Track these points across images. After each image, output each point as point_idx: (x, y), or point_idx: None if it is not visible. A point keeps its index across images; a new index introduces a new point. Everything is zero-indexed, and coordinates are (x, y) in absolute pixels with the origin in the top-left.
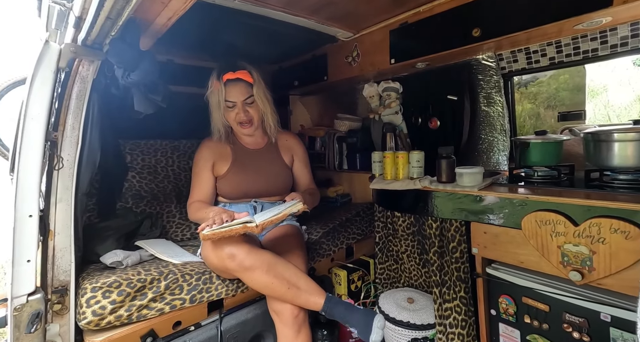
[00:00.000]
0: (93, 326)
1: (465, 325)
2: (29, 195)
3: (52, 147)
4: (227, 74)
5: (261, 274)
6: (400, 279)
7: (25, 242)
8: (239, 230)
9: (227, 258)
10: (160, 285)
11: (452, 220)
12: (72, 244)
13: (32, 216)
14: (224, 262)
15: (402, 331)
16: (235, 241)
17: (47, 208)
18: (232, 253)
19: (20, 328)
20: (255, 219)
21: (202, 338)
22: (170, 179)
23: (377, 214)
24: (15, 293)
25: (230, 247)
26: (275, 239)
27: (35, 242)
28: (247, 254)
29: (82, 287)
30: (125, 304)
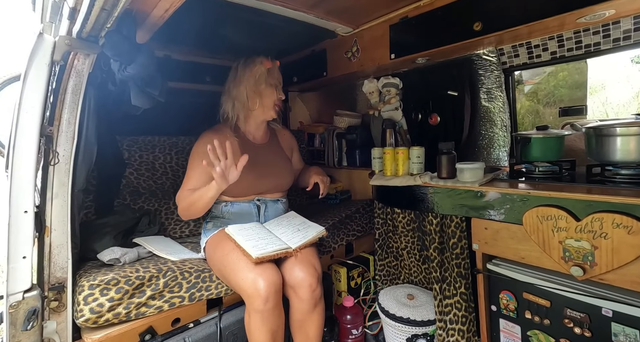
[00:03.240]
0: (91, 323)
1: (465, 321)
2: (24, 191)
3: (48, 142)
4: (270, 60)
5: (260, 329)
6: (400, 275)
7: (21, 238)
8: (281, 254)
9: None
10: (159, 283)
11: (453, 216)
12: (69, 241)
13: (28, 211)
14: (254, 285)
15: (402, 327)
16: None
17: (43, 204)
18: (268, 295)
19: (16, 325)
20: (290, 244)
21: (202, 335)
22: (168, 175)
23: (376, 211)
24: (10, 290)
25: (269, 285)
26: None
27: (31, 239)
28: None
29: (80, 284)
30: (124, 302)
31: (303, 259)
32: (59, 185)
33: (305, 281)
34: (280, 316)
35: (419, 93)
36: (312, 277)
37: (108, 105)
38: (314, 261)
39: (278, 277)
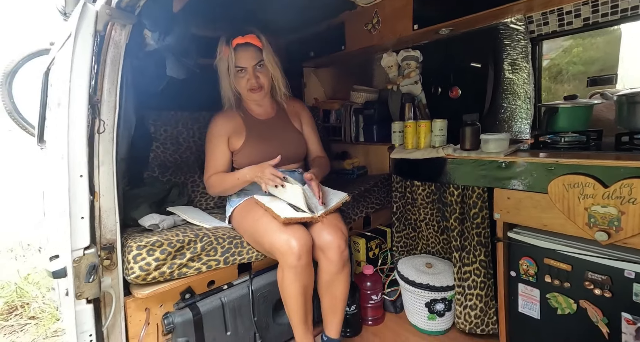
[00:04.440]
0: (140, 280)
1: (484, 286)
2: (78, 156)
3: (94, 111)
4: (236, 38)
5: (293, 284)
6: (417, 246)
7: (79, 200)
8: (307, 219)
9: (291, 246)
10: (196, 246)
11: (474, 187)
12: (116, 206)
13: (82, 176)
14: (287, 243)
15: (422, 292)
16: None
17: (91, 171)
18: (300, 252)
19: (80, 278)
20: (317, 211)
21: (235, 296)
22: (192, 150)
23: (394, 185)
24: (73, 247)
25: (302, 245)
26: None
27: (87, 201)
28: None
29: (128, 245)
30: (167, 262)
31: (330, 224)
32: (104, 153)
33: (333, 242)
34: (311, 275)
35: (440, 66)
36: (340, 239)
37: (133, 80)
38: (341, 225)
39: (309, 238)
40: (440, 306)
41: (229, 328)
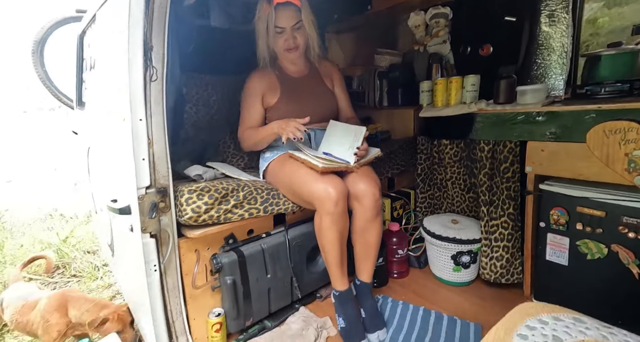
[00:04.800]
0: (192, 221)
1: (511, 238)
2: (138, 100)
3: (147, 58)
4: (268, 4)
5: (330, 229)
6: (442, 206)
7: (141, 143)
8: (342, 168)
9: (329, 193)
10: (239, 195)
11: (506, 142)
12: (167, 153)
13: (142, 120)
14: (325, 191)
15: (448, 245)
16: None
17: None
18: (337, 199)
19: (144, 213)
20: (350, 161)
21: (273, 243)
22: (222, 113)
23: (419, 147)
24: (138, 185)
25: (339, 192)
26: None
27: (147, 144)
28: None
29: (180, 190)
30: (215, 207)
31: (364, 173)
32: (155, 103)
33: (368, 190)
34: (346, 221)
35: (471, 22)
36: (374, 188)
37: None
38: (374, 175)
39: (344, 187)
40: (465, 258)
41: (269, 271)
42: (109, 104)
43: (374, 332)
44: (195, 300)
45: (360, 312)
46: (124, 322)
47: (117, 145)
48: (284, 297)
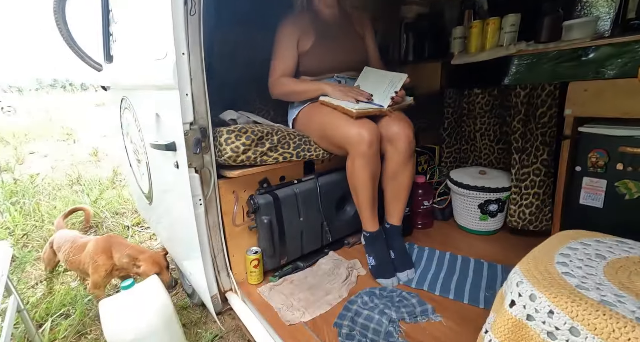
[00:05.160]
0: (231, 161)
1: (542, 185)
2: (182, 34)
3: None
4: None
5: (363, 170)
6: (468, 159)
7: (183, 77)
8: (376, 112)
9: (362, 135)
10: (273, 138)
11: (545, 84)
12: (206, 93)
13: (184, 54)
14: (358, 134)
15: (476, 194)
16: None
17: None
18: (371, 141)
19: (189, 148)
20: (384, 104)
21: (304, 188)
22: (247, 68)
23: (447, 100)
24: (184, 120)
25: (372, 135)
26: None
27: (189, 78)
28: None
29: (218, 131)
30: (251, 149)
31: (397, 117)
32: (193, 39)
33: (402, 133)
34: (379, 164)
35: None
36: (408, 130)
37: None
38: (408, 119)
39: (378, 130)
40: (493, 207)
41: (301, 215)
42: (146, 45)
43: (403, 271)
44: (233, 238)
45: (389, 253)
46: (160, 266)
47: (158, 85)
48: (315, 241)
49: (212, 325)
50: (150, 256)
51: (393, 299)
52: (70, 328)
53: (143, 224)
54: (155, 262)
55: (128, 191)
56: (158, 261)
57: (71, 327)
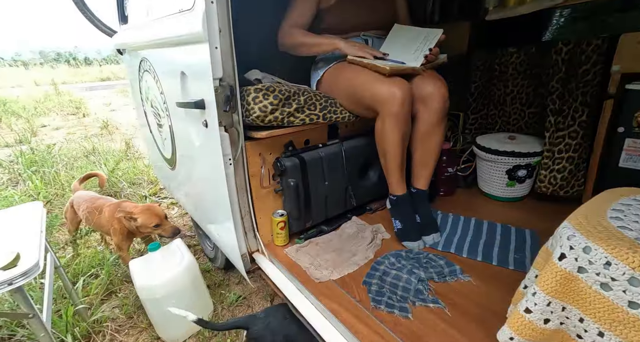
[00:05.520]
0: (259, 121)
1: (578, 148)
2: None
3: None
4: None
5: (394, 131)
6: (495, 125)
7: (212, 29)
8: (408, 70)
9: (394, 93)
10: (300, 99)
11: (591, 39)
12: (233, 50)
13: (213, 2)
14: (390, 92)
15: (505, 159)
16: (408, 90)
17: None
18: (403, 99)
19: (219, 105)
20: (417, 63)
21: (330, 151)
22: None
23: (476, 63)
24: (214, 75)
25: (404, 92)
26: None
27: (217, 30)
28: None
29: (246, 89)
30: (279, 108)
31: (431, 76)
32: None
33: (437, 92)
34: (409, 124)
35: None
36: (443, 89)
37: None
38: (442, 78)
39: (410, 88)
40: (522, 172)
41: (326, 178)
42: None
43: (429, 235)
44: (260, 201)
45: (415, 217)
46: (159, 216)
47: (184, 39)
48: (338, 205)
49: (234, 287)
50: (144, 208)
51: (420, 261)
52: (100, 287)
53: (160, 194)
54: (152, 214)
55: (143, 162)
56: (154, 212)
57: (101, 285)
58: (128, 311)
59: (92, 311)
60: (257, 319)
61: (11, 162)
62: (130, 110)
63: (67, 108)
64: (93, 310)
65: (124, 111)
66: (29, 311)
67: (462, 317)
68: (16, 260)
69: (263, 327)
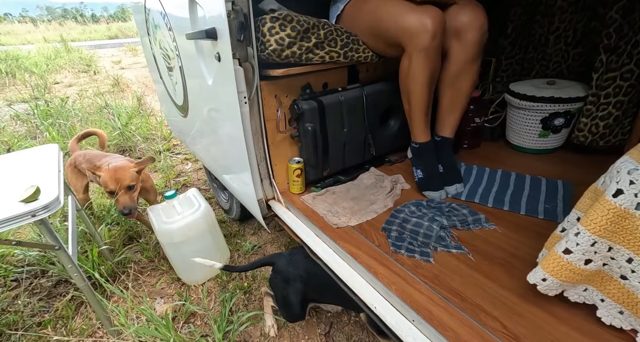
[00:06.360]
0: (276, 56)
1: (630, 91)
2: None
3: None
4: None
5: (422, 69)
6: (532, 70)
7: None
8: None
9: (425, 24)
10: (320, 33)
11: None
12: None
13: None
14: (420, 22)
15: (541, 106)
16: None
17: None
18: (435, 30)
19: (233, 34)
20: None
21: (351, 96)
22: None
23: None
24: None
25: (437, 23)
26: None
27: None
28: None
29: (261, 19)
30: (297, 42)
31: (470, 3)
32: None
33: (475, 22)
34: (440, 62)
35: None
36: (483, 19)
37: None
38: (481, 6)
39: (443, 18)
40: (559, 121)
41: (345, 125)
42: None
43: (451, 185)
44: (276, 147)
45: (438, 167)
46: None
47: None
48: (357, 155)
49: (250, 237)
50: (113, 168)
51: (442, 209)
52: (122, 233)
53: (174, 150)
54: (113, 178)
55: (156, 119)
56: (116, 177)
57: (122, 232)
58: (149, 255)
59: (115, 254)
60: (282, 256)
61: (28, 115)
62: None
63: (78, 65)
64: (116, 253)
65: (134, 69)
66: (54, 243)
67: (487, 262)
68: (36, 194)
69: (287, 263)
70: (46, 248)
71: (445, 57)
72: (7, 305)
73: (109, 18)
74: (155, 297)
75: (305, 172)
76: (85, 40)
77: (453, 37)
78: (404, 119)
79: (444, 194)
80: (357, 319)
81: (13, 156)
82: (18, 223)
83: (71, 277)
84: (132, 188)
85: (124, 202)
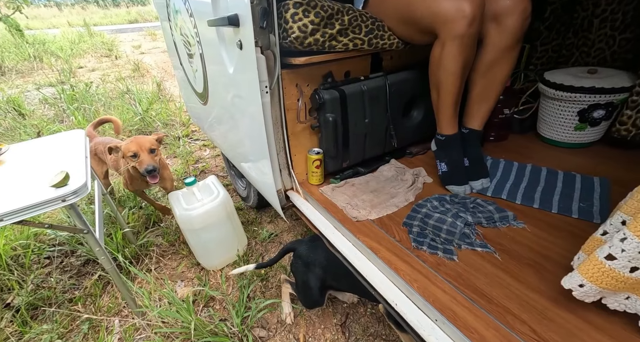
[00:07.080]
0: (298, 43)
1: None
2: None
3: None
4: None
5: (456, 57)
6: (571, 57)
7: None
8: None
9: (462, 8)
10: (344, 19)
11: None
12: None
13: None
14: (456, 6)
15: (580, 97)
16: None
17: None
18: (474, 15)
19: (256, 21)
20: None
21: (373, 85)
22: None
23: None
24: None
25: (475, 7)
26: None
27: None
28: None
29: (284, 4)
30: (320, 29)
31: None
32: None
33: (517, 5)
34: (475, 50)
35: None
36: (527, 1)
37: None
38: None
39: (483, 2)
40: (598, 113)
41: (367, 116)
42: None
43: (477, 180)
44: (295, 137)
45: (464, 160)
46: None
47: None
48: (378, 146)
49: (267, 225)
50: (130, 138)
51: (467, 205)
52: (144, 217)
53: (192, 136)
54: (134, 142)
55: (175, 104)
56: (137, 141)
57: (144, 216)
58: (170, 239)
59: (138, 237)
60: (302, 243)
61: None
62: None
63: (100, 50)
64: (139, 236)
65: (153, 54)
66: (83, 227)
67: (514, 262)
68: (66, 179)
69: (307, 249)
70: (75, 232)
71: (481, 44)
72: (41, 281)
73: (129, 2)
74: (176, 280)
75: (325, 163)
76: (107, 25)
77: (491, 22)
78: (428, 109)
79: (468, 189)
80: (373, 311)
81: (42, 141)
82: (49, 208)
83: (98, 259)
84: (154, 152)
85: (147, 161)
